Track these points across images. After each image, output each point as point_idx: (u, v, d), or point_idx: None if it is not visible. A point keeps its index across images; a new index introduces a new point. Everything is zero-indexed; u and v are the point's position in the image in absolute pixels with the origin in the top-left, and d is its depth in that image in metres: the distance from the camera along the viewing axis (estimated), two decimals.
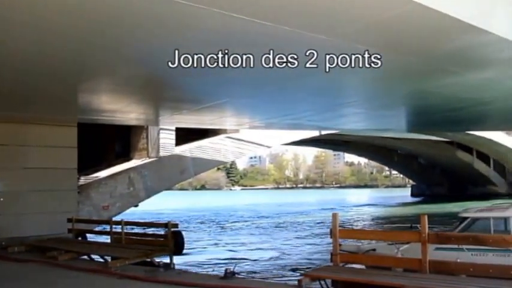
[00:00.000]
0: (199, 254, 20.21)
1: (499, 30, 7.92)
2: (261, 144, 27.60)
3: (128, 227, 13.43)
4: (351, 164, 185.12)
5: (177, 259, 12.00)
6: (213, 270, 13.96)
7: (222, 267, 13.16)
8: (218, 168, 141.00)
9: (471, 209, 11.07)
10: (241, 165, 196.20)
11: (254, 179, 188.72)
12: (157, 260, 11.30)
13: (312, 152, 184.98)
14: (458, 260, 9.00)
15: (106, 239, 13.85)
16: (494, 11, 7.87)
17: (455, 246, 9.36)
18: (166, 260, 11.37)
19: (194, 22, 6.66)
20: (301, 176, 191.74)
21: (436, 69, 10.29)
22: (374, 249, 10.74)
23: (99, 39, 7.29)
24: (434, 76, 11.04)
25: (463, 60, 9.68)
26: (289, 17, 6.63)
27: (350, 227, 28.94)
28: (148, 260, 11.20)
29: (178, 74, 9.96)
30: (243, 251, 21.44)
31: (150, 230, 16.79)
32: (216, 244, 24.02)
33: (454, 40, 8.18)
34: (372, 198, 77.15)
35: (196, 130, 23.19)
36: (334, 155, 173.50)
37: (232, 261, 16.58)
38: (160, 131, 21.20)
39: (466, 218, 10.48)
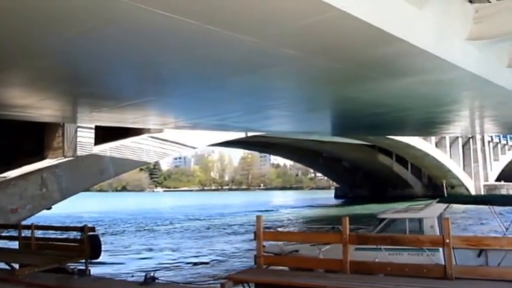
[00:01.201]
0: (123, 259, 19.39)
1: (420, 42, 8.22)
2: (185, 145, 27.13)
3: (41, 231, 12.55)
4: (277, 166, 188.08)
5: (97, 265, 11.37)
6: (132, 276, 13.41)
7: (144, 272, 12.68)
8: (141, 169, 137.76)
9: (388, 210, 11.46)
10: (165, 166, 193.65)
11: (178, 180, 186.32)
12: (71, 266, 10.64)
13: (238, 153, 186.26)
14: (377, 260, 9.24)
15: (14, 245, 12.83)
16: (416, 23, 8.14)
17: (374, 246, 9.62)
18: (82, 266, 10.74)
19: (115, 17, 6.29)
20: (227, 178, 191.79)
21: (359, 75, 10.55)
22: (297, 250, 10.81)
23: (5, 27, 6.67)
24: (358, 82, 11.33)
25: (385, 68, 9.99)
26: (216, 17, 6.45)
27: (278, 228, 29.22)
28: (62, 266, 10.50)
29: (98, 69, 9.50)
30: (168, 254, 20.87)
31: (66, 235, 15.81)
32: (141, 248, 23.17)
33: (377, 48, 8.38)
34: (297, 200, 78.60)
35: (118, 129, 22.30)
36: (261, 156, 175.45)
37: (156, 265, 16.09)
38: (78, 129, 20.15)
39: (383, 219, 10.81)
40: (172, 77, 10.15)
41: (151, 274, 9.27)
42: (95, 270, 11.51)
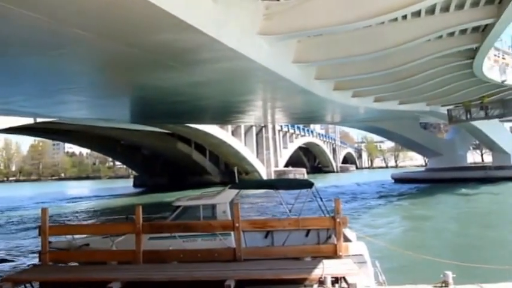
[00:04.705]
0: None
1: (213, 32, 8.49)
2: None
3: None
4: (72, 155, 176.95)
5: None
6: None
7: None
8: None
9: (183, 198, 11.51)
10: None
11: None
12: None
13: (27, 141, 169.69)
14: (170, 248, 9.30)
15: None
16: (210, 14, 8.37)
17: (169, 234, 9.63)
18: None
19: None
20: (14, 168, 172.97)
21: (154, 62, 10.47)
22: (88, 244, 10.17)
23: None
24: (155, 69, 11.27)
25: (178, 56, 10.09)
26: None
27: (69, 222, 27.50)
28: None
29: None
30: None
31: None
32: None
33: (166, 33, 8.38)
34: (93, 190, 75.09)
35: None
36: (54, 144, 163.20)
37: None
38: None
39: (178, 206, 10.75)
40: None
41: None
42: None
